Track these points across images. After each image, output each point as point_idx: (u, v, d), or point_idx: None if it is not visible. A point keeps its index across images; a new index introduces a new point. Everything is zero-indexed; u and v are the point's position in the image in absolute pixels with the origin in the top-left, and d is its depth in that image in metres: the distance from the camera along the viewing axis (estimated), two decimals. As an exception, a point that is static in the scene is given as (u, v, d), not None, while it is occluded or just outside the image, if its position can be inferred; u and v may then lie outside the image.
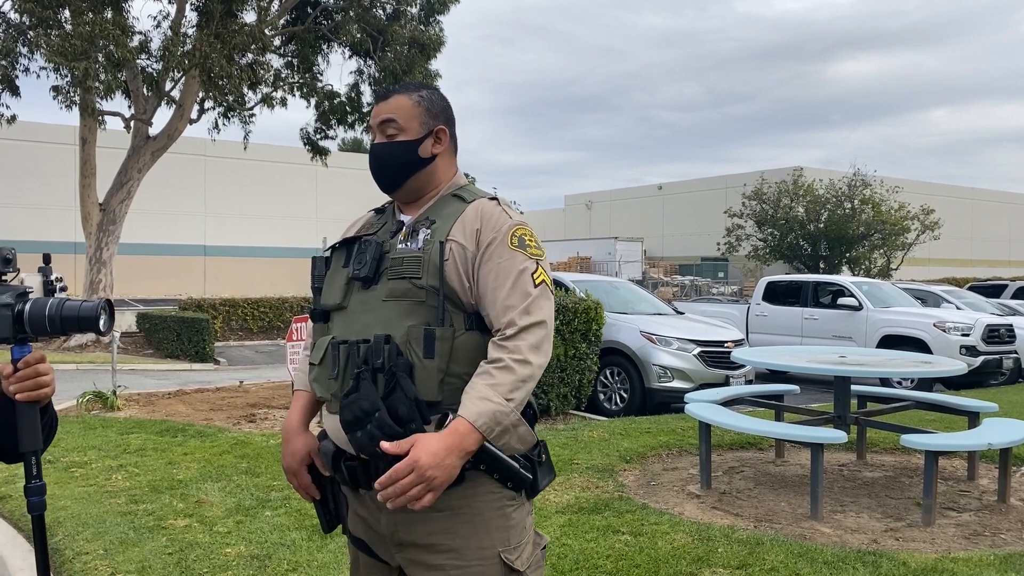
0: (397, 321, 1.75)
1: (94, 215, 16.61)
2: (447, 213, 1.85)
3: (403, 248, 1.81)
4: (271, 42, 16.12)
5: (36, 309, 1.63)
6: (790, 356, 6.40)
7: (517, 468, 1.76)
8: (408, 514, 1.75)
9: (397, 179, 1.89)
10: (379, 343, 1.73)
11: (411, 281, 1.76)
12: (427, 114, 1.89)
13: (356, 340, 1.77)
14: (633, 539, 4.33)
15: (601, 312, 8.81)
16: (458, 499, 1.74)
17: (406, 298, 1.76)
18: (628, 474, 5.90)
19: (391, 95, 1.91)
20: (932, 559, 4.10)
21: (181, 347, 15.77)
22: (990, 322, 12.35)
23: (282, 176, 33.73)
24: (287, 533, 4.36)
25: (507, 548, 1.78)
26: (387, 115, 1.88)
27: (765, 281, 14.53)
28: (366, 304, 1.81)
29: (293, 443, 1.92)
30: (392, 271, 1.79)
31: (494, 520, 1.77)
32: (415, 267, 1.77)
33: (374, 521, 1.83)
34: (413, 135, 1.88)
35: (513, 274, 1.77)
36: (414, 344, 1.73)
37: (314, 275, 1.95)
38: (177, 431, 7.14)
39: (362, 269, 1.82)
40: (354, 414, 1.70)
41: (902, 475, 6.01)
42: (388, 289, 1.78)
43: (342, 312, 1.85)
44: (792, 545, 4.27)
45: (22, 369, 1.60)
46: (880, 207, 28.70)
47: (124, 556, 4.04)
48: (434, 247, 1.78)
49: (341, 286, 1.86)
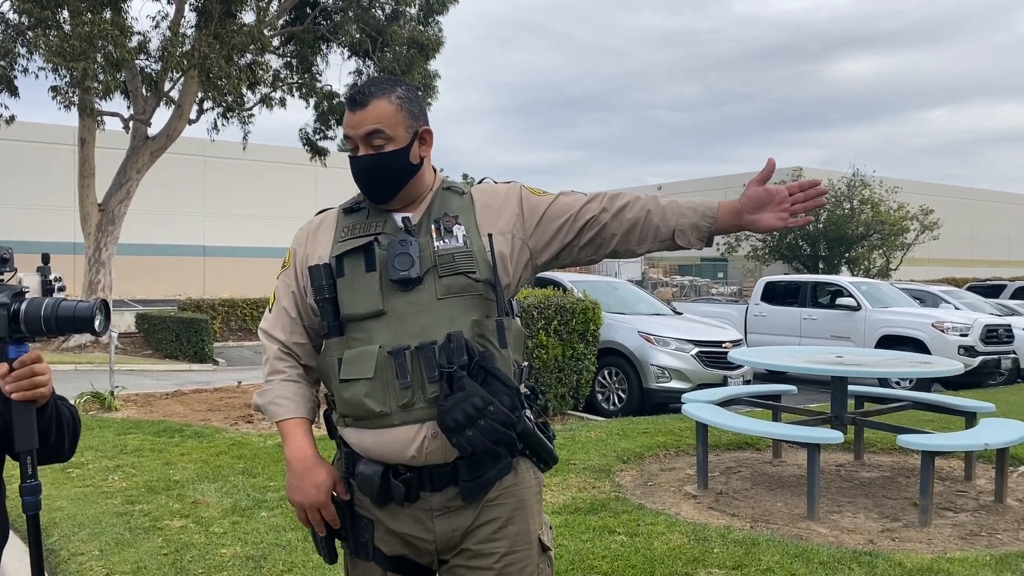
0: (460, 317, 1.73)
1: (93, 215, 16.60)
2: (458, 207, 1.85)
3: (445, 245, 1.78)
4: (270, 42, 16.11)
5: (32, 309, 1.63)
6: (787, 356, 6.41)
7: (551, 447, 1.84)
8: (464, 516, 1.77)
9: (393, 190, 1.82)
10: (459, 340, 1.69)
11: (468, 276, 1.75)
12: (410, 116, 1.81)
13: (423, 343, 1.70)
14: (629, 539, 4.33)
15: (599, 312, 8.82)
16: (509, 487, 1.79)
17: (465, 293, 1.75)
18: (625, 474, 5.90)
19: (369, 100, 1.78)
20: (928, 559, 4.10)
21: (180, 347, 15.77)
22: (988, 322, 12.36)
23: (281, 176, 33.73)
24: (283, 534, 4.36)
25: (542, 529, 1.86)
26: (372, 125, 1.78)
27: (763, 281, 14.53)
28: (416, 306, 1.74)
29: (316, 475, 1.79)
30: (444, 268, 1.75)
31: (534, 504, 1.83)
32: (468, 262, 1.76)
33: (422, 532, 1.78)
34: (402, 143, 1.79)
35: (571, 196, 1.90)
36: (489, 336, 1.73)
37: (317, 286, 1.81)
38: (174, 432, 7.14)
39: (410, 270, 1.73)
40: (466, 413, 1.63)
41: (899, 475, 6.01)
42: (443, 286, 1.74)
43: (381, 319, 1.74)
44: (788, 545, 4.27)
45: (18, 369, 1.60)
46: (879, 207, 28.72)
47: (120, 557, 4.04)
48: (474, 240, 1.79)
49: (375, 291, 1.75)
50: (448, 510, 1.76)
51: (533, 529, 1.82)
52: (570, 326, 8.49)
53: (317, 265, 1.82)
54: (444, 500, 1.75)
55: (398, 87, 1.84)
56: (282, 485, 5.29)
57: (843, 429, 5.59)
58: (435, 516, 1.76)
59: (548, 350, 8.27)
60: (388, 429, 1.72)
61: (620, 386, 9.44)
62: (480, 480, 1.74)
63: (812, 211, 1.88)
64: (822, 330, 12.99)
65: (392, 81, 1.86)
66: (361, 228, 1.85)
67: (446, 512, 1.76)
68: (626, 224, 1.86)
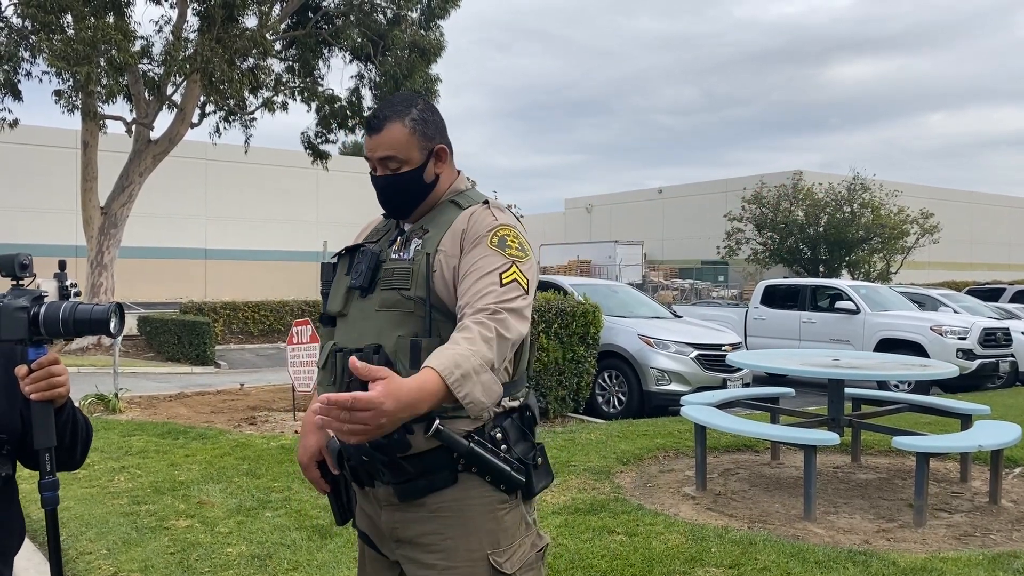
0: (388, 331, 1.79)
1: (95, 219, 16.68)
2: (442, 221, 1.87)
3: (395, 259, 1.86)
4: (272, 46, 16.20)
5: (51, 312, 1.72)
6: (784, 359, 6.47)
7: (509, 471, 1.77)
8: (404, 513, 1.81)
9: (407, 208, 1.92)
10: (369, 353, 1.76)
11: (400, 292, 1.80)
12: (424, 138, 1.87)
13: (351, 348, 1.81)
14: (628, 539, 4.39)
15: (599, 315, 8.88)
16: (450, 500, 1.79)
17: (396, 308, 1.81)
18: (625, 476, 5.96)
19: (383, 125, 1.85)
20: (922, 559, 4.16)
21: (182, 350, 15.83)
22: (987, 326, 12.41)
23: (283, 180, 33.81)
24: (287, 533, 4.43)
25: (496, 551, 1.79)
26: (385, 152, 1.85)
27: (763, 285, 14.59)
28: (363, 313, 1.86)
29: (307, 439, 1.96)
30: (384, 281, 1.84)
31: (484, 523, 1.79)
32: (404, 278, 1.81)
33: (376, 517, 1.89)
34: (415, 164, 1.87)
35: (482, 272, 1.73)
36: (400, 354, 1.77)
37: (323, 281, 2.01)
38: (179, 433, 7.21)
39: (358, 278, 1.87)
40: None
41: (895, 477, 6.07)
42: (380, 299, 1.83)
43: (343, 319, 1.91)
44: (784, 545, 4.33)
45: (36, 371, 1.68)
46: (879, 211, 28.74)
47: (127, 556, 4.11)
48: (422, 258, 1.81)
49: (342, 294, 1.91)
50: (391, 504, 1.84)
51: (477, 547, 1.78)
52: (570, 329, 8.55)
53: (326, 263, 2.02)
54: (387, 494, 1.83)
55: (413, 108, 1.87)
56: (286, 486, 5.36)
57: (840, 431, 5.66)
58: (382, 506, 1.86)
59: (549, 353, 8.34)
60: None
61: (620, 389, 9.50)
62: (410, 485, 1.78)
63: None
64: (821, 333, 13.04)
65: (408, 102, 1.89)
66: (372, 234, 2.01)
67: (389, 505, 1.84)
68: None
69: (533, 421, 1.89)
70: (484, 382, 1.57)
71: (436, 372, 1.51)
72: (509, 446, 1.80)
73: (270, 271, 32.46)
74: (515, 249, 1.80)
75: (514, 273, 1.75)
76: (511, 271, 1.75)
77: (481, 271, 1.74)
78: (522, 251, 1.81)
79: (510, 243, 1.80)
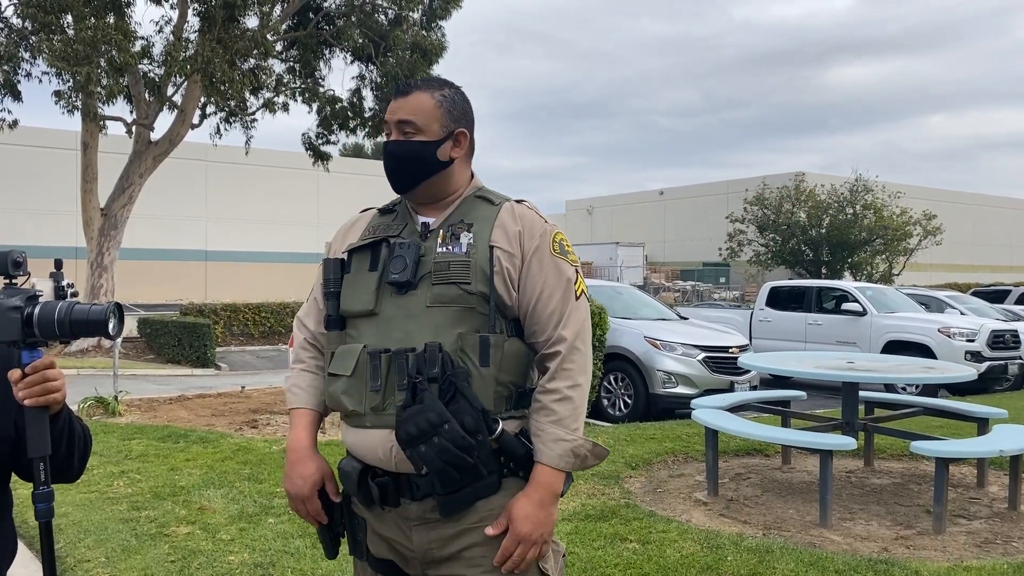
0: (446, 328, 1.68)
1: (96, 220, 16.58)
2: (480, 216, 1.78)
3: (446, 252, 1.73)
4: (273, 47, 16.10)
5: (45, 312, 1.61)
6: (797, 362, 6.36)
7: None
8: (442, 529, 1.71)
9: (413, 180, 1.80)
10: (433, 352, 1.65)
11: (460, 286, 1.69)
12: (448, 116, 1.80)
13: (401, 349, 1.68)
14: (641, 547, 4.28)
15: (605, 317, 8.76)
16: (497, 508, 1.70)
17: (455, 304, 1.69)
18: (634, 481, 5.85)
19: (412, 91, 1.80)
20: (945, 567, 4.05)
21: (182, 352, 15.73)
22: (995, 327, 12.31)
23: (284, 181, 33.70)
24: (291, 541, 4.31)
25: (544, 556, 1.75)
26: (406, 115, 1.78)
27: (769, 286, 14.49)
28: (406, 310, 1.72)
29: (304, 467, 1.79)
30: (437, 275, 1.71)
31: None
32: (463, 272, 1.70)
33: (403, 539, 1.75)
34: (432, 136, 1.79)
35: (562, 286, 1.77)
36: (469, 352, 1.67)
37: (326, 279, 1.85)
38: (179, 437, 7.09)
39: (402, 273, 1.72)
40: (419, 427, 1.60)
41: (911, 482, 5.96)
42: (434, 295, 1.70)
43: (372, 319, 1.75)
44: (802, 553, 4.22)
45: (30, 375, 1.58)
46: (882, 212, 28.64)
47: (126, 564, 3.99)
48: (480, 252, 1.72)
49: (371, 291, 1.75)
50: (426, 522, 1.71)
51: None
52: (576, 331, 8.43)
53: (330, 259, 1.86)
54: (422, 511, 1.71)
55: (447, 88, 1.84)
56: (289, 491, 5.24)
57: (854, 435, 5.54)
58: (413, 526, 1.72)
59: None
60: (364, 430, 1.73)
61: (626, 391, 9.39)
62: (457, 496, 1.67)
63: None
64: (828, 335, 12.93)
65: (443, 82, 1.86)
66: (383, 229, 1.85)
67: (424, 523, 1.72)
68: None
69: None
70: (597, 452, 1.76)
71: (559, 471, 1.70)
72: None
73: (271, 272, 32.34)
74: (572, 254, 1.84)
75: (581, 284, 1.81)
76: (579, 282, 1.80)
77: (559, 284, 1.77)
78: (575, 256, 1.86)
79: (568, 249, 1.83)
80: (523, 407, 1.75)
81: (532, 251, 1.75)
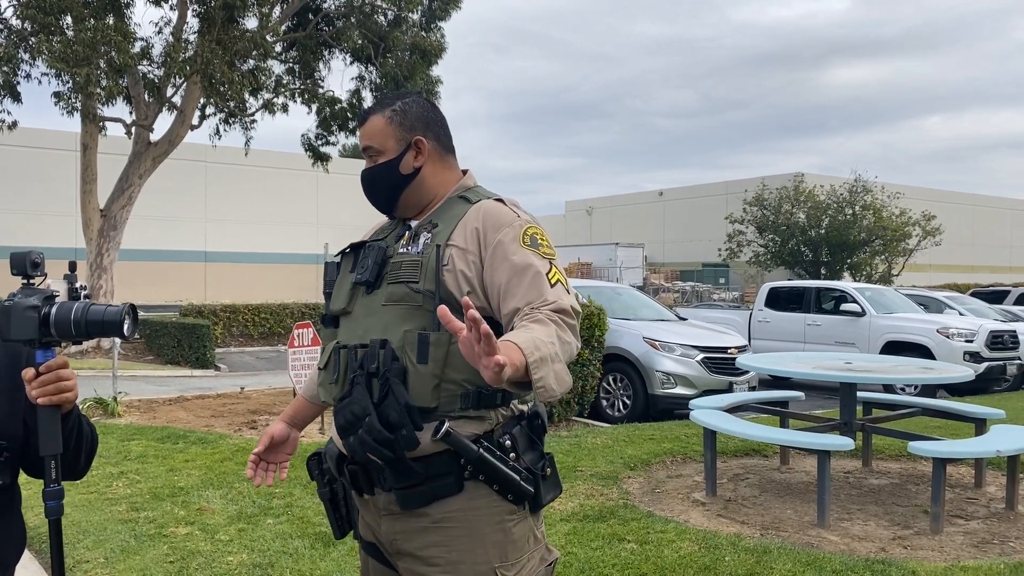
0: (395, 326, 1.73)
1: (95, 221, 16.58)
2: (451, 215, 1.82)
3: (403, 252, 1.79)
4: (272, 48, 16.10)
5: (62, 312, 1.64)
6: (795, 362, 6.37)
7: (518, 480, 1.70)
8: (406, 523, 1.74)
9: (388, 200, 1.90)
10: (375, 348, 1.72)
11: (408, 285, 1.74)
12: (401, 128, 1.85)
13: (355, 345, 1.77)
14: (639, 547, 4.29)
15: (604, 318, 8.77)
16: (455, 510, 1.70)
17: (404, 302, 1.74)
18: (632, 481, 5.86)
19: (368, 116, 1.89)
20: (942, 567, 4.06)
21: (182, 353, 15.73)
22: (994, 328, 12.32)
23: (283, 182, 33.71)
24: (289, 541, 4.32)
25: (503, 564, 1.71)
26: (367, 142, 1.88)
27: (768, 287, 14.50)
28: (368, 309, 1.80)
29: (272, 427, 2.03)
30: (391, 275, 1.78)
31: (491, 534, 1.71)
32: (413, 271, 1.75)
33: (376, 527, 1.81)
34: (392, 154, 1.86)
35: (529, 274, 1.67)
36: (408, 349, 1.70)
37: (326, 280, 1.96)
38: (178, 438, 7.10)
39: (364, 273, 1.81)
40: (346, 418, 1.70)
41: (908, 482, 5.97)
42: (387, 293, 1.77)
43: (348, 317, 1.86)
44: (800, 553, 4.23)
45: (44, 374, 1.60)
46: (881, 213, 28.65)
47: (125, 564, 4.00)
48: (432, 251, 1.75)
49: (347, 291, 1.86)
50: (391, 513, 1.76)
51: (484, 561, 1.70)
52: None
53: (329, 262, 1.98)
54: (388, 501, 1.75)
55: (398, 100, 1.89)
56: (288, 492, 5.25)
57: (852, 436, 5.55)
58: (382, 515, 1.78)
59: (553, 356, 8.23)
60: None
61: (625, 392, 9.40)
62: (415, 491, 1.69)
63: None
64: (827, 336, 12.94)
65: (398, 96, 1.91)
66: (378, 232, 1.98)
67: (390, 514, 1.77)
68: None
69: (542, 429, 1.81)
70: (557, 371, 1.50)
71: (518, 346, 1.42)
72: (518, 454, 1.74)
73: (270, 273, 32.35)
74: (546, 247, 1.76)
75: (557, 274, 1.71)
76: (553, 272, 1.71)
77: (526, 273, 1.68)
78: (552, 250, 1.77)
79: (541, 242, 1.76)
80: (486, 407, 1.73)
81: (494, 244, 1.72)
